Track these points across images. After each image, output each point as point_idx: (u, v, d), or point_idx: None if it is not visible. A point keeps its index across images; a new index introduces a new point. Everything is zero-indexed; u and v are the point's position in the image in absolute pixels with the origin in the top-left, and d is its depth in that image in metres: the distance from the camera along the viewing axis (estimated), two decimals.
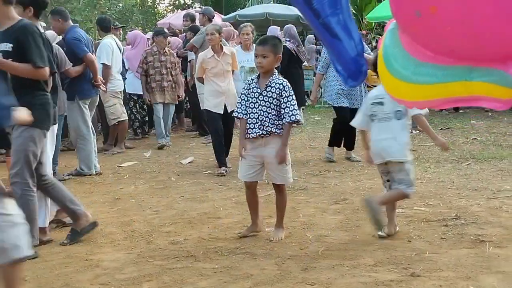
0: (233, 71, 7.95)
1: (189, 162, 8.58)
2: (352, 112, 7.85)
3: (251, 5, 21.78)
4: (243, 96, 4.93)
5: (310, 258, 4.42)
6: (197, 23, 11.61)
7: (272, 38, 5.09)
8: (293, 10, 18.01)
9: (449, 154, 8.33)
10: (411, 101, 2.94)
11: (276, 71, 4.95)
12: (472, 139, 9.63)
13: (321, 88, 16.86)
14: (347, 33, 3.07)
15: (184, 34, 12.68)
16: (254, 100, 4.83)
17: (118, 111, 9.36)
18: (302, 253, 4.54)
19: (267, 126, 4.76)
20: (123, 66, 10.22)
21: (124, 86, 10.08)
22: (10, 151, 6.64)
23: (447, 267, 4.11)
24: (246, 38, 8.80)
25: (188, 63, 11.00)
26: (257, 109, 4.80)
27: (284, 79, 4.89)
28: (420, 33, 2.52)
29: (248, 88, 4.91)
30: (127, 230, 5.34)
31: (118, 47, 9.34)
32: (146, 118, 11.41)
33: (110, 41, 9.14)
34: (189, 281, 4.05)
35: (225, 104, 7.72)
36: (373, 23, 18.20)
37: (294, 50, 10.94)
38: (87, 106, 7.81)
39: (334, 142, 8.42)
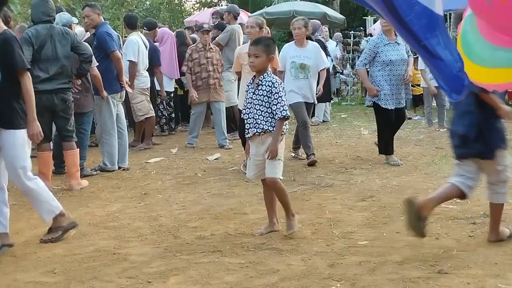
0: (275, 70, 7.21)
1: (215, 159, 8.60)
2: (395, 112, 7.78)
3: (278, 3, 21.72)
4: (245, 98, 5.03)
5: (336, 254, 4.41)
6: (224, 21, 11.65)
7: (266, 39, 5.14)
8: (320, 8, 17.98)
9: None
10: (491, 83, 3.10)
11: (271, 69, 5.01)
12: None
13: (347, 85, 16.88)
14: (448, 52, 3.14)
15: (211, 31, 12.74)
16: (250, 100, 4.90)
17: (146, 108, 9.42)
18: (328, 249, 4.54)
19: (260, 124, 4.81)
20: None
21: (154, 83, 10.16)
22: (41, 146, 6.78)
23: (475, 265, 4.07)
24: (298, 32, 8.11)
25: None
26: (252, 108, 4.86)
27: (275, 76, 4.92)
28: (492, 20, 2.63)
29: (247, 90, 4.98)
30: (154, 225, 5.38)
31: (144, 44, 9.40)
32: (173, 115, 11.48)
33: (136, 38, 9.21)
34: (216, 276, 4.07)
35: None
36: None
37: (324, 45, 10.99)
38: (115, 102, 7.88)
39: (390, 150, 7.91)
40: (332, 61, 13.46)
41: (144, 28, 10.72)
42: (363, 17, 22.46)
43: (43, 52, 6.66)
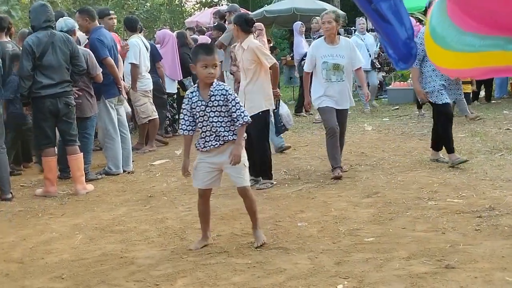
0: (270, 68, 6.74)
1: None
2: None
3: (278, 1, 21.72)
4: (185, 112, 4.64)
5: (343, 252, 4.42)
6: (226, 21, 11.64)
7: (214, 45, 4.90)
8: (320, 5, 17.95)
9: (482, 145, 8.25)
10: (452, 69, 3.06)
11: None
12: (505, 129, 9.50)
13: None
14: (398, 18, 3.13)
15: (210, 32, 12.74)
16: (202, 113, 4.57)
17: (149, 110, 9.44)
18: (334, 247, 4.54)
19: (223, 136, 4.57)
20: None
21: (160, 83, 10.19)
22: (46, 151, 6.81)
23: (482, 259, 4.07)
24: (328, 27, 7.02)
25: (219, 63, 11.05)
26: (208, 121, 4.56)
27: (223, 83, 4.71)
28: (463, 1, 2.63)
29: (190, 103, 4.61)
30: (161, 227, 5.39)
31: (145, 46, 9.42)
32: (177, 116, 11.48)
33: (137, 40, 9.23)
34: (223, 277, 4.07)
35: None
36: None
37: None
38: (113, 106, 7.89)
39: (450, 147, 7.24)
40: (370, 56, 13.24)
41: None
42: (363, 17, 22.41)
43: (45, 59, 6.69)
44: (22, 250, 4.97)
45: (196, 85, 4.66)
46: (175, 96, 11.20)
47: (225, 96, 4.54)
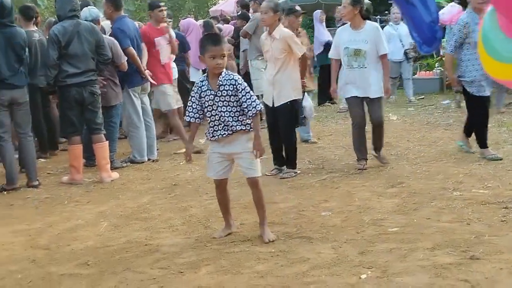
0: (300, 58, 6.72)
1: None
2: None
3: None
4: (194, 100, 4.61)
5: (366, 241, 4.40)
6: (250, 10, 11.62)
7: (221, 36, 4.81)
8: None
9: (509, 135, 8.15)
10: (506, 80, 2.94)
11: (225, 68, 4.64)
12: None
13: None
14: (423, 1, 3.05)
15: (234, 21, 12.73)
16: (211, 103, 4.54)
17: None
18: (358, 236, 4.53)
19: (231, 126, 4.52)
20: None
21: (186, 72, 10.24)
22: (72, 139, 6.89)
23: (508, 250, 4.03)
24: (343, 13, 7.05)
25: (242, 52, 11.03)
26: (217, 111, 4.53)
27: (233, 73, 4.64)
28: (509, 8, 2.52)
29: (199, 92, 4.58)
30: (185, 215, 5.42)
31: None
32: None
33: None
34: (247, 265, 4.09)
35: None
36: None
37: None
38: (137, 95, 7.93)
39: (483, 141, 6.99)
40: (403, 46, 12.43)
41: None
42: (389, 1, 22.20)
43: (71, 48, 6.75)
44: (49, 237, 5.03)
45: (206, 74, 4.63)
46: None
47: (235, 86, 4.51)
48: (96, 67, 7.02)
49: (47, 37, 7.30)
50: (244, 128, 4.56)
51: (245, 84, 4.59)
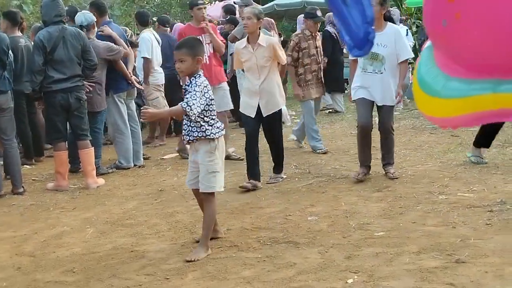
0: (282, 67, 6.73)
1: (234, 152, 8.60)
2: None
3: None
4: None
5: (353, 246, 4.41)
6: (237, 15, 11.61)
7: (190, 40, 4.73)
8: None
9: (495, 140, 8.19)
10: (441, 117, 2.82)
11: (201, 71, 4.53)
12: None
13: None
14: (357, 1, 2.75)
15: (222, 26, 12.71)
16: None
17: (161, 104, 9.43)
18: (345, 241, 4.54)
19: (190, 131, 4.51)
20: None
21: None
22: (57, 145, 6.86)
23: (493, 253, 4.05)
24: (375, 9, 5.87)
25: (230, 56, 11.03)
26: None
27: (202, 78, 4.48)
28: (448, 44, 2.44)
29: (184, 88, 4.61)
30: (171, 221, 5.41)
31: (157, 40, 9.43)
32: None
33: (149, 34, 9.22)
34: (233, 271, 4.08)
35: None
36: (413, 8, 17.96)
37: (335, 34, 10.75)
38: (122, 100, 7.91)
39: (486, 142, 6.85)
40: None
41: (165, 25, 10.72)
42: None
43: (56, 53, 6.73)
44: (34, 244, 5.00)
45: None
46: None
47: (189, 89, 4.47)
48: (82, 72, 6.99)
49: (33, 42, 7.27)
50: (204, 136, 4.49)
51: (199, 89, 4.41)
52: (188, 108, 4.34)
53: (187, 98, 4.39)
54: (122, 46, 7.80)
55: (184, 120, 4.56)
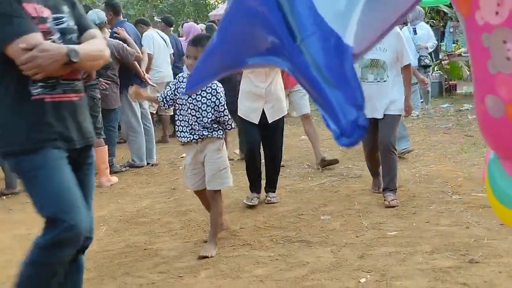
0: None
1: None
2: None
3: None
4: (171, 86, 4.57)
5: (366, 245, 4.41)
6: None
7: (204, 38, 4.53)
8: None
9: None
10: None
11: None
12: None
13: None
14: (347, 80, 2.04)
15: None
16: (184, 102, 4.45)
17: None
18: (358, 240, 4.54)
19: (198, 130, 4.42)
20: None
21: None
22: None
23: (507, 253, 4.03)
24: None
25: None
26: (187, 112, 4.44)
27: (216, 82, 4.42)
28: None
29: (177, 84, 4.53)
30: (184, 219, 5.43)
31: (163, 39, 9.54)
32: None
33: (151, 32, 9.46)
34: (246, 269, 4.09)
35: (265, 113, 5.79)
36: (427, 8, 17.87)
37: None
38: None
39: None
40: (418, 52, 10.29)
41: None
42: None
43: None
44: None
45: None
46: None
47: (215, 97, 4.40)
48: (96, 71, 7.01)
49: None
50: (212, 135, 4.46)
51: (224, 97, 4.46)
52: (232, 127, 4.54)
53: (226, 115, 4.43)
54: (135, 49, 7.82)
55: (183, 121, 4.47)
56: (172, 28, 10.63)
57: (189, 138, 4.46)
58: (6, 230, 5.42)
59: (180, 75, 4.64)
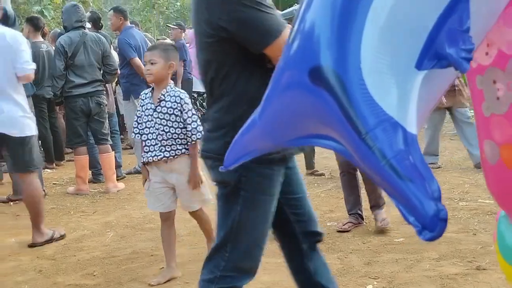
0: None
1: None
2: None
3: None
4: (138, 113, 4.17)
5: (372, 252, 4.40)
6: None
7: (165, 44, 4.36)
8: None
9: None
10: None
11: (172, 82, 4.18)
12: None
13: None
14: (419, 173, 1.95)
15: None
16: (150, 118, 4.04)
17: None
18: (364, 247, 4.53)
19: (167, 146, 4.01)
20: None
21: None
22: (78, 149, 6.92)
23: None
24: None
25: None
26: (154, 128, 4.02)
27: (181, 90, 4.16)
28: None
29: (142, 105, 4.14)
30: (190, 226, 5.42)
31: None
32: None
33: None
34: None
35: None
36: None
37: None
38: None
39: None
40: None
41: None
42: None
43: (77, 58, 6.81)
44: (55, 247, 5.05)
45: (152, 86, 4.20)
46: (204, 95, 11.26)
47: (180, 105, 4.00)
48: (103, 78, 7.07)
49: (53, 47, 7.37)
50: (184, 152, 4.05)
51: (191, 105, 4.09)
52: (200, 135, 3.92)
53: (194, 121, 3.98)
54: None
55: (153, 139, 4.06)
56: (186, 32, 10.64)
57: (159, 156, 4.03)
58: (13, 236, 5.43)
59: (143, 93, 4.26)
